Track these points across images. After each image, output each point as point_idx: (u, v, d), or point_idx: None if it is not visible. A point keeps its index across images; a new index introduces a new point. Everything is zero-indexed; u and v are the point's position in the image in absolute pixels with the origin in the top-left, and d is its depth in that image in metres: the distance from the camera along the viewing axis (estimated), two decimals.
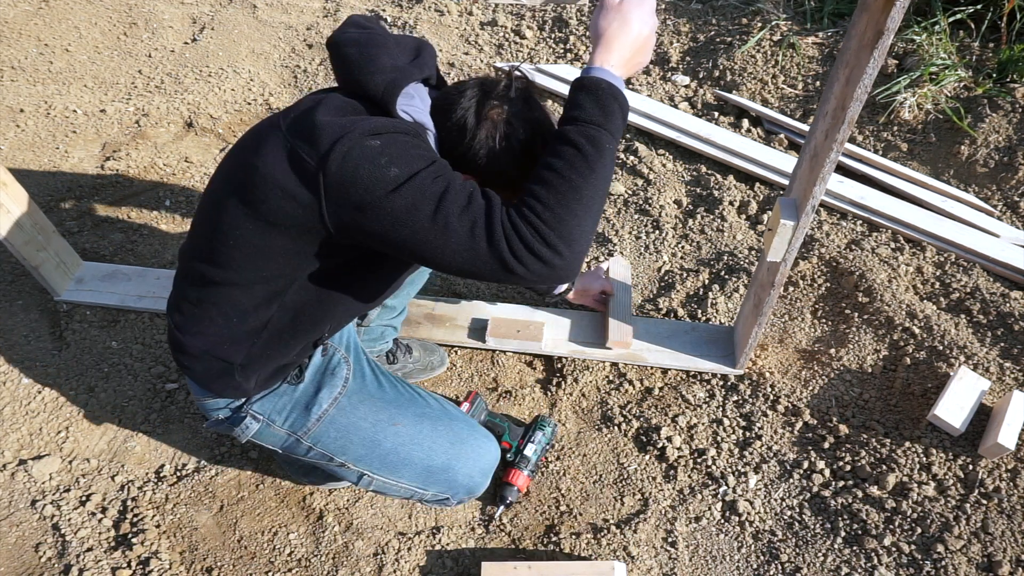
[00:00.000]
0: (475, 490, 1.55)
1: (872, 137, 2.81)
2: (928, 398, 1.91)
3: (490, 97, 1.24)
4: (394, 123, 1.18)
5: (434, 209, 1.09)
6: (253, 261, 1.25)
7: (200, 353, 1.36)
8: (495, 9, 3.59)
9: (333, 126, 1.14)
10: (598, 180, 1.10)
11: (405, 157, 1.12)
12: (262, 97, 3.05)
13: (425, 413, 1.51)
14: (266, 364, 1.38)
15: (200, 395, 1.45)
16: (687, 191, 2.64)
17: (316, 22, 3.53)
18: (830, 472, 1.81)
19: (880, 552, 1.66)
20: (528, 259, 1.07)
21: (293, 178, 1.15)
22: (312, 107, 1.19)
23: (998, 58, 2.85)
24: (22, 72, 3.12)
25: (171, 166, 2.72)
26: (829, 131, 1.33)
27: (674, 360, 2.01)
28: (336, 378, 1.47)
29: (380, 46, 1.28)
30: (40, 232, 2.08)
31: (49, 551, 1.67)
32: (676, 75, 3.14)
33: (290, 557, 1.68)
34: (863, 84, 1.20)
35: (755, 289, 1.82)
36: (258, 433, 1.45)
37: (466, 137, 1.24)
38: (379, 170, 1.10)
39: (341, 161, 1.11)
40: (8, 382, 2.01)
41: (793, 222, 1.49)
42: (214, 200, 1.29)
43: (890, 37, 1.12)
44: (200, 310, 1.34)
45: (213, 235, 1.27)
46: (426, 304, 2.16)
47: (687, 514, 1.75)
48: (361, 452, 1.45)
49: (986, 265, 2.31)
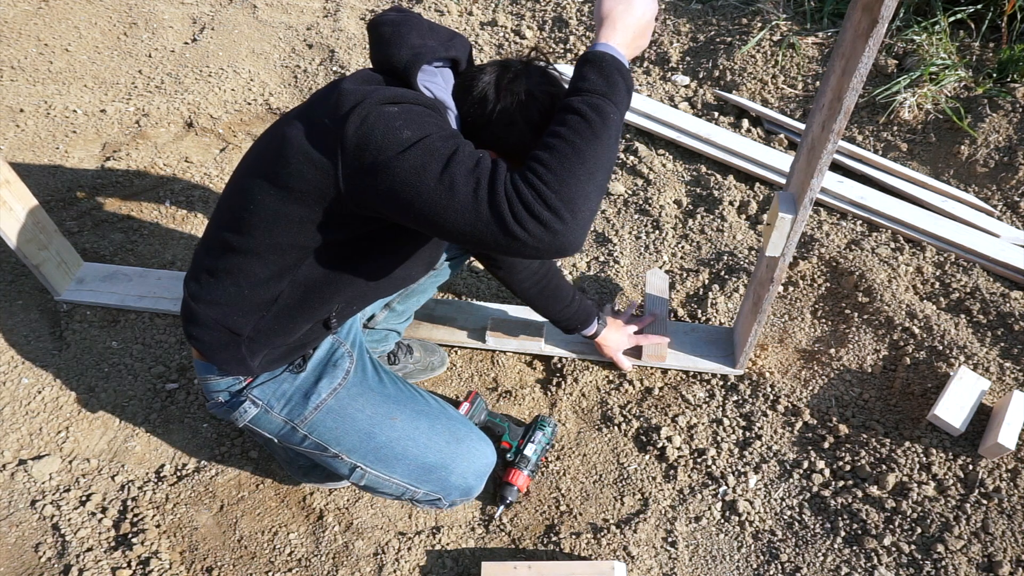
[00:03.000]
0: (468, 492, 1.55)
1: (872, 137, 2.81)
2: (928, 398, 1.91)
3: (509, 72, 1.29)
4: (413, 94, 1.20)
5: (441, 169, 1.09)
6: (269, 228, 1.27)
7: (210, 322, 1.37)
8: (495, 9, 3.59)
9: (354, 93, 1.18)
10: (602, 148, 1.10)
11: (419, 122, 1.14)
12: (262, 97, 3.06)
13: (424, 411, 1.51)
14: (272, 340, 1.39)
15: (204, 372, 1.45)
16: (687, 191, 2.64)
17: (316, 22, 3.53)
18: (830, 472, 1.81)
19: (880, 552, 1.66)
20: (529, 222, 1.06)
21: (313, 142, 1.18)
22: (339, 79, 1.26)
23: (998, 58, 2.85)
24: (22, 72, 3.12)
25: (171, 166, 2.72)
26: (826, 122, 1.33)
27: (674, 360, 2.01)
28: (338, 369, 1.47)
29: (414, 27, 1.32)
30: (42, 231, 2.08)
31: (49, 551, 1.67)
32: (676, 75, 3.14)
33: (290, 557, 1.68)
34: (859, 74, 1.20)
35: (754, 287, 1.82)
36: (256, 418, 1.45)
37: (487, 109, 1.27)
38: (393, 132, 1.12)
39: (359, 125, 1.14)
40: (8, 382, 2.01)
41: (791, 215, 1.48)
42: (244, 169, 1.35)
43: (884, 26, 1.12)
44: (215, 279, 1.36)
45: (237, 201, 1.31)
46: (427, 304, 2.16)
47: (687, 514, 1.75)
48: (355, 443, 1.45)
49: (986, 265, 2.31)
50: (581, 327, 1.90)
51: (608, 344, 1.97)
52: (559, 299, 1.84)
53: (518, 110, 1.26)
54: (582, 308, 1.88)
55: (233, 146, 2.83)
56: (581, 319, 1.88)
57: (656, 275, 2.20)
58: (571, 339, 2.05)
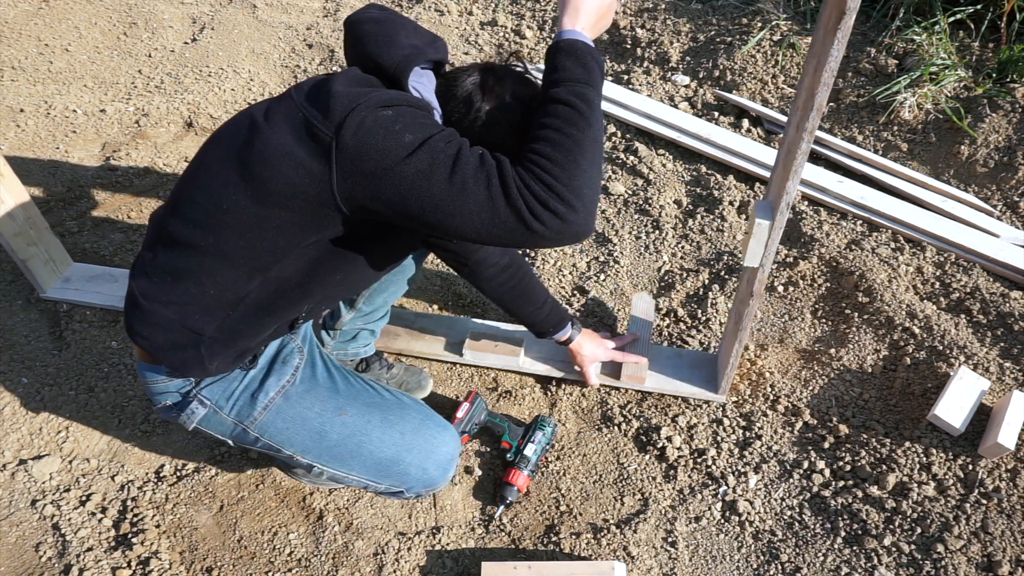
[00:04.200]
0: (432, 483, 1.50)
1: (872, 137, 2.81)
2: (928, 398, 1.91)
3: (492, 74, 1.30)
4: (405, 96, 1.19)
5: (450, 171, 1.10)
6: (245, 232, 1.21)
7: (166, 322, 1.30)
8: (495, 9, 3.59)
9: (347, 96, 1.15)
10: (595, 133, 1.15)
11: (416, 125, 1.14)
12: (262, 97, 3.06)
13: (375, 403, 1.47)
14: (236, 341, 1.33)
15: (150, 376, 1.39)
16: (687, 191, 2.64)
17: (316, 22, 3.53)
18: (830, 472, 1.81)
19: (880, 552, 1.66)
20: (544, 215, 1.09)
21: (304, 147, 1.14)
22: (326, 78, 1.21)
23: (998, 58, 2.85)
24: (22, 72, 3.12)
25: (171, 166, 2.72)
26: (799, 122, 1.31)
27: (654, 384, 1.96)
28: (287, 366, 1.44)
29: (399, 26, 1.32)
30: (32, 227, 2.08)
31: (49, 551, 1.67)
32: (676, 75, 3.14)
33: (290, 557, 1.68)
34: (829, 68, 1.19)
35: (736, 304, 1.78)
36: (205, 419, 1.41)
37: (471, 110, 1.28)
38: (393, 136, 1.11)
39: (355, 130, 1.12)
40: (8, 382, 2.01)
41: (768, 221, 1.44)
42: (209, 165, 1.26)
43: (852, 17, 1.11)
44: (174, 278, 1.29)
45: (204, 197, 1.24)
46: (407, 316, 2.14)
47: (687, 514, 1.75)
48: (308, 443, 1.42)
49: (986, 265, 2.31)
50: (553, 331, 1.84)
51: (583, 353, 1.90)
52: (530, 301, 1.78)
53: (502, 112, 1.27)
54: (555, 312, 1.82)
55: None
56: (553, 323, 1.82)
57: (642, 298, 2.17)
58: (551, 355, 2.01)
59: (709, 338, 2.14)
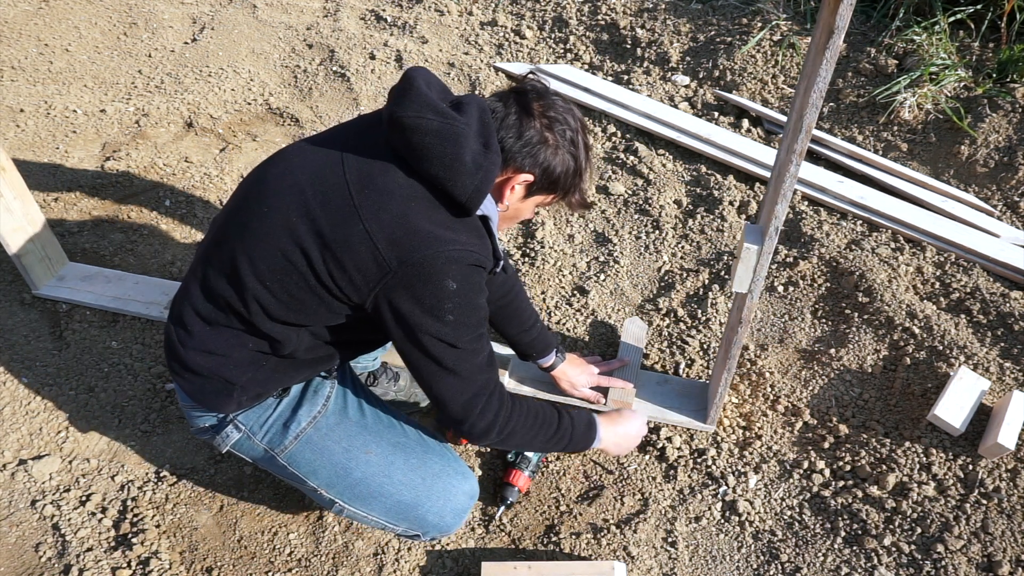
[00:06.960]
0: (447, 530, 1.53)
1: (872, 137, 2.81)
2: (928, 398, 1.91)
3: (557, 127, 1.33)
4: (470, 253, 1.25)
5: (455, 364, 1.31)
6: (287, 309, 1.30)
7: (202, 370, 1.36)
8: (495, 9, 3.59)
9: (423, 237, 1.22)
10: (547, 448, 1.54)
11: (465, 311, 1.27)
12: (262, 97, 3.06)
13: (400, 443, 1.50)
14: (267, 387, 1.40)
15: (188, 403, 1.45)
16: (687, 191, 2.64)
17: (316, 22, 3.53)
18: (830, 472, 1.81)
19: (880, 552, 1.66)
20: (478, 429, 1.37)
21: (367, 261, 1.22)
22: (404, 207, 1.23)
23: (998, 58, 2.85)
24: (22, 72, 3.12)
25: (171, 166, 2.72)
26: (790, 145, 1.29)
27: (644, 411, 1.89)
28: (318, 396, 1.47)
29: (461, 141, 1.21)
30: (30, 223, 2.08)
31: (49, 551, 1.67)
32: (676, 75, 3.14)
33: (290, 557, 1.68)
34: (818, 89, 1.18)
35: (726, 332, 1.74)
36: (237, 443, 1.46)
37: (531, 149, 1.31)
38: (439, 305, 1.24)
39: (416, 274, 1.22)
40: (8, 382, 2.01)
41: (757, 246, 1.41)
42: (272, 231, 1.27)
43: (841, 36, 1.10)
44: (213, 330, 1.35)
45: (258, 271, 1.28)
46: None
47: (687, 514, 1.75)
48: (332, 478, 1.45)
49: (986, 265, 2.31)
50: (537, 356, 1.83)
51: (567, 379, 1.88)
52: (519, 321, 1.77)
53: (553, 162, 1.33)
54: (542, 337, 1.81)
55: (233, 146, 2.83)
56: (539, 348, 1.81)
57: (634, 323, 2.14)
58: (536, 378, 1.96)
59: (709, 338, 2.14)
